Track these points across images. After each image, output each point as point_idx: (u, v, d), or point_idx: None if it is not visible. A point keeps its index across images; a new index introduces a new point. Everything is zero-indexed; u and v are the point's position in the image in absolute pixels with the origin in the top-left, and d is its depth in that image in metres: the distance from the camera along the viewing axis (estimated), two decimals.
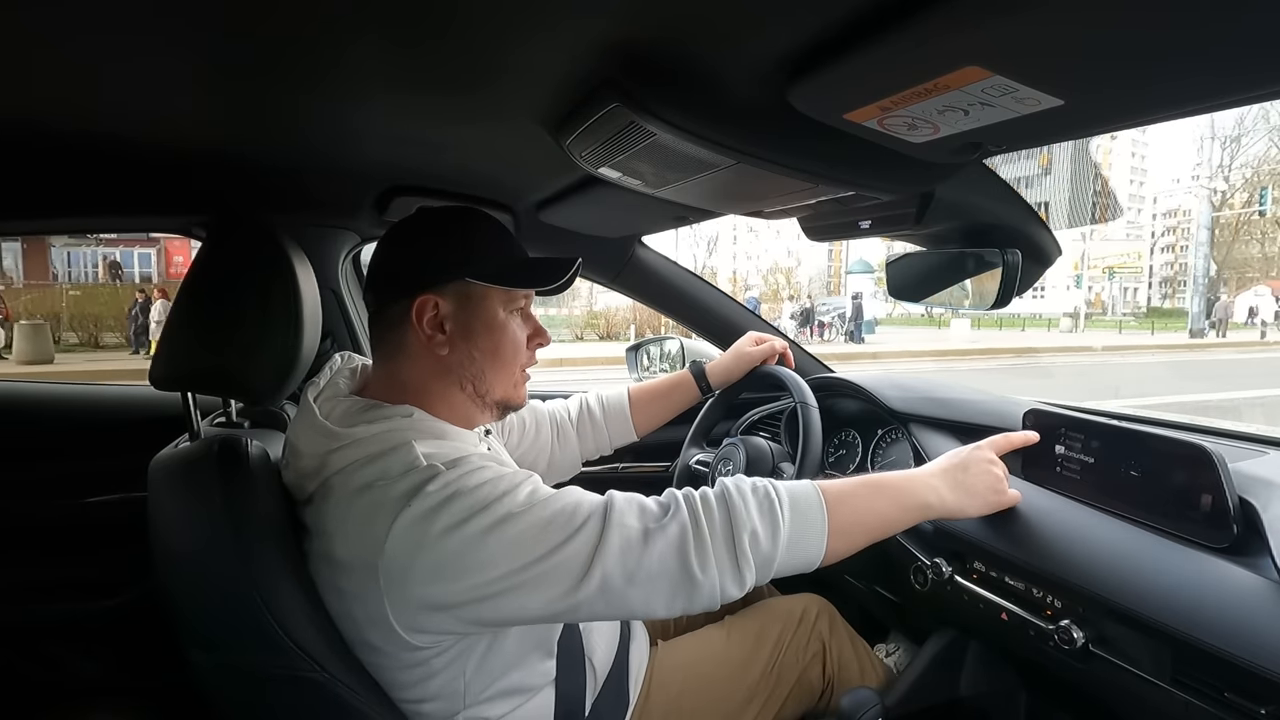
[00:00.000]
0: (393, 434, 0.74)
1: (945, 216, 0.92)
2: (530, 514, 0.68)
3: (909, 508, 0.84)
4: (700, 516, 0.72)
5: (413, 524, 0.66)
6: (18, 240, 18.22)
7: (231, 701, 0.78)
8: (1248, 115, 22.29)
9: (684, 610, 0.72)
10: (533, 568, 0.66)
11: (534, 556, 0.66)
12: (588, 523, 0.69)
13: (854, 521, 0.80)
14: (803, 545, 0.76)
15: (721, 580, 0.71)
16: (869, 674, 1.13)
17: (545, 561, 0.67)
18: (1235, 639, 0.69)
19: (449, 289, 0.80)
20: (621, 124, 0.71)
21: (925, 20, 0.48)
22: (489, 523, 0.66)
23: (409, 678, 0.75)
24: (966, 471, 0.89)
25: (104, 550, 1.29)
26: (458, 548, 0.66)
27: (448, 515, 0.66)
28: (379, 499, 0.68)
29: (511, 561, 0.66)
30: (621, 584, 0.68)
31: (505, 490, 0.69)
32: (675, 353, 1.76)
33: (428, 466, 0.69)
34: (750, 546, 0.71)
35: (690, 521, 0.71)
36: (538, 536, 0.67)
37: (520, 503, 0.69)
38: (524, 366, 0.88)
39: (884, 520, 0.83)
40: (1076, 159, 33.82)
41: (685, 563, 0.69)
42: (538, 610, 0.68)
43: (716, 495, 0.75)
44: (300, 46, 0.65)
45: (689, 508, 0.73)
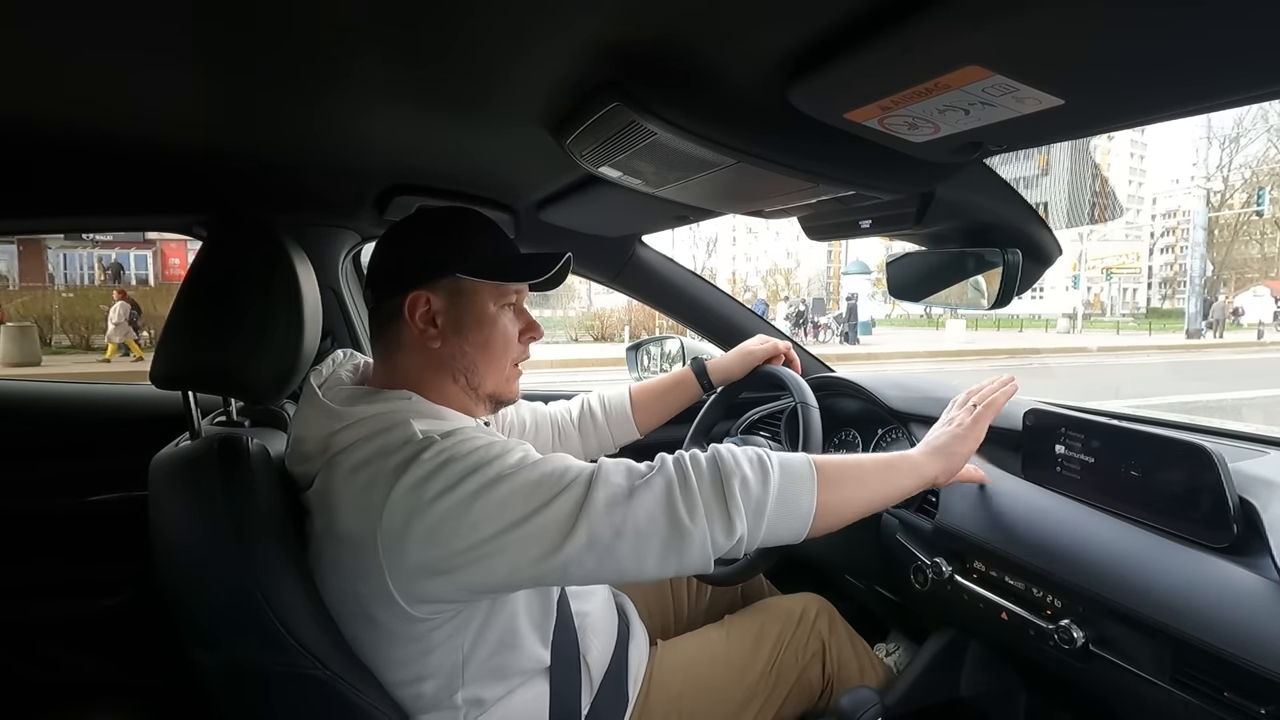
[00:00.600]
0: (393, 414, 0.76)
1: (945, 216, 0.92)
2: (519, 475, 0.70)
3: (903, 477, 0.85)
4: (688, 468, 0.73)
5: (408, 491, 0.68)
6: (14, 242, 18.21)
7: (233, 700, 0.78)
8: (1246, 116, 22.34)
9: (677, 569, 0.72)
10: (521, 526, 0.68)
11: (521, 515, 0.68)
12: (575, 482, 0.70)
13: (845, 487, 0.80)
14: (793, 503, 0.76)
15: (711, 529, 0.71)
16: (869, 674, 1.13)
17: (532, 520, 0.68)
18: (1235, 639, 0.69)
19: (440, 284, 0.83)
20: (622, 123, 0.71)
21: (926, 20, 0.48)
22: (479, 484, 0.68)
23: (407, 653, 0.76)
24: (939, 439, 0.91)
25: (104, 549, 1.29)
26: (449, 510, 0.67)
27: (441, 479, 0.68)
28: (377, 471, 0.70)
29: (500, 520, 0.68)
30: (609, 538, 0.69)
31: (497, 454, 0.71)
32: (675, 352, 1.76)
33: (424, 439, 0.71)
34: (740, 492, 0.72)
35: (677, 474, 0.73)
36: (526, 496, 0.69)
37: (510, 465, 0.70)
38: (516, 360, 0.90)
39: (875, 488, 0.83)
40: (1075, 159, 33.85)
41: (673, 513, 0.70)
42: (529, 570, 0.69)
43: (706, 454, 0.76)
44: (300, 46, 0.65)
45: (676, 462, 0.74)
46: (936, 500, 1.08)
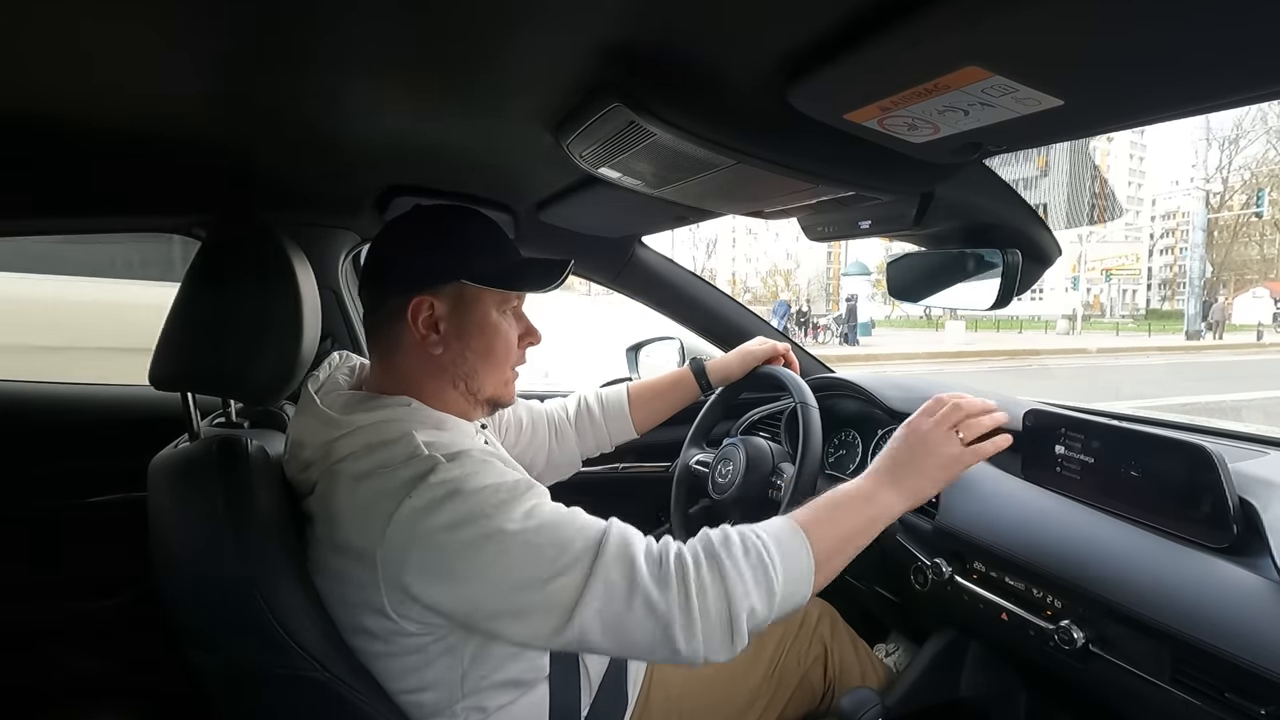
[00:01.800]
0: (392, 423, 0.75)
1: (945, 217, 0.92)
2: (522, 536, 0.67)
3: (873, 518, 0.81)
4: (692, 595, 0.68)
5: (412, 516, 0.67)
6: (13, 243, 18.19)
7: (232, 701, 0.78)
8: (1245, 117, 22.34)
9: (662, 662, 0.73)
10: (513, 597, 0.66)
11: (516, 584, 0.66)
12: (574, 566, 0.67)
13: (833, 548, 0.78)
14: (793, 599, 0.74)
15: (709, 651, 0.69)
16: (870, 677, 1.13)
17: (526, 594, 0.66)
18: (1235, 639, 0.69)
19: (444, 290, 0.81)
20: (621, 124, 0.71)
21: (925, 20, 0.48)
22: (480, 534, 0.66)
23: (406, 664, 0.75)
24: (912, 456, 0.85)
25: (104, 550, 1.29)
26: (449, 552, 0.66)
27: (445, 513, 0.67)
28: (382, 486, 0.69)
29: (495, 584, 0.66)
30: (599, 641, 0.67)
31: (504, 500, 0.68)
32: (675, 353, 1.75)
33: (429, 456, 0.70)
34: (748, 620, 0.70)
35: (680, 601, 0.68)
36: (525, 564, 0.66)
37: (515, 520, 0.67)
38: (515, 365, 0.90)
39: (855, 539, 0.80)
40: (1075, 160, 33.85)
41: (670, 640, 0.68)
42: (518, 639, 0.69)
43: (709, 564, 0.71)
44: (300, 46, 0.65)
45: (680, 580, 0.69)
46: (937, 500, 1.08)
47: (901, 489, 0.83)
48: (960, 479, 1.07)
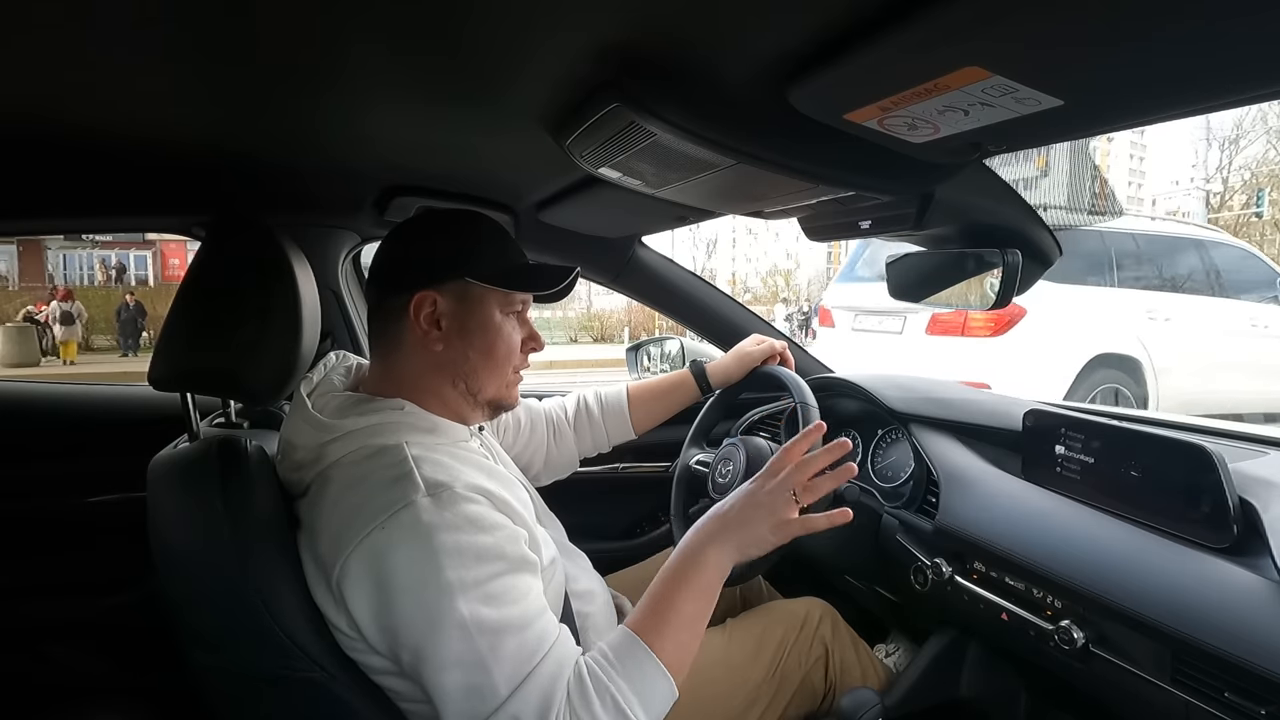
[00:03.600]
0: (383, 427, 0.75)
1: (945, 217, 0.92)
2: (466, 627, 0.65)
3: (706, 588, 0.79)
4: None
5: (372, 551, 0.67)
6: (13, 242, 18.22)
7: (232, 702, 0.78)
8: (1245, 117, 22.23)
9: None
10: (446, 672, 0.66)
11: (438, 666, 0.66)
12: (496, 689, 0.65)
13: (683, 633, 0.76)
14: (655, 706, 0.72)
15: None
16: (871, 678, 1.13)
17: (443, 676, 0.66)
18: (1235, 639, 0.69)
19: (448, 287, 0.81)
20: (622, 124, 0.71)
21: (925, 20, 0.48)
22: (428, 597, 0.66)
23: (390, 682, 0.75)
24: (744, 518, 0.82)
25: (104, 550, 1.29)
26: (391, 603, 0.67)
27: (400, 562, 0.66)
28: (359, 506, 0.69)
29: (421, 651, 0.66)
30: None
31: (463, 580, 0.66)
32: (675, 353, 1.76)
33: (412, 483, 0.69)
34: None
35: None
36: (452, 659, 0.65)
37: (456, 619, 0.65)
38: (517, 368, 0.89)
39: (697, 617, 0.78)
40: (1075, 160, 33.79)
41: None
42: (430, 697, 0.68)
43: None
44: (301, 47, 0.65)
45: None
46: (937, 501, 1.08)
47: (729, 546, 0.80)
48: (960, 479, 1.08)
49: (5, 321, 12.96)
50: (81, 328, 13.46)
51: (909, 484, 1.21)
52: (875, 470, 1.32)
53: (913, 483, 1.20)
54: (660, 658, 0.73)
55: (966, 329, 4.03)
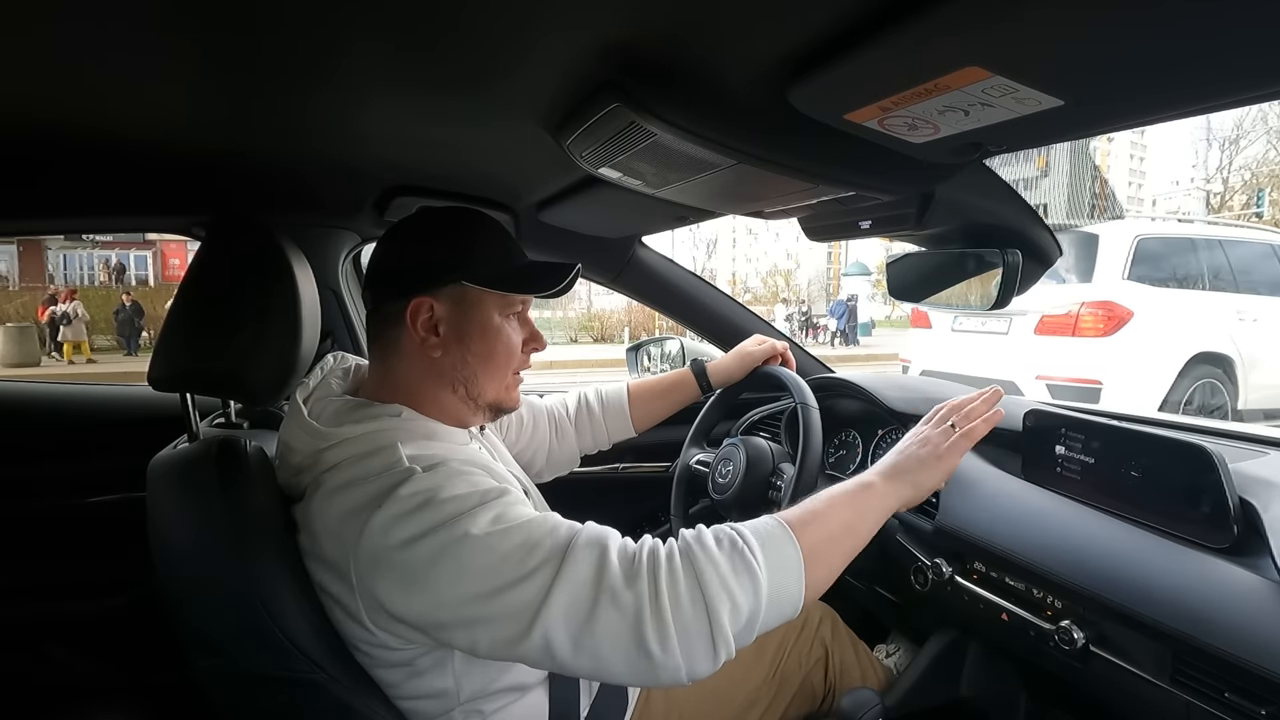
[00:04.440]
0: (380, 434, 0.74)
1: (946, 217, 0.92)
2: (487, 541, 0.64)
3: (871, 512, 0.79)
4: (663, 590, 0.63)
5: (380, 529, 0.66)
6: (13, 242, 18.23)
7: (231, 702, 0.78)
8: (1245, 117, 22.21)
9: (645, 685, 0.68)
10: (477, 605, 0.63)
11: (479, 592, 0.63)
12: (541, 569, 0.63)
13: (824, 539, 0.73)
14: (782, 602, 0.69)
15: (689, 660, 0.63)
16: (871, 679, 1.13)
17: (490, 602, 0.63)
18: (1235, 639, 0.69)
19: (444, 292, 0.80)
20: (622, 124, 0.71)
21: (925, 20, 0.48)
22: (445, 542, 0.64)
23: (396, 677, 0.75)
24: (910, 453, 0.86)
25: (104, 550, 1.29)
26: (412, 563, 0.65)
27: (412, 525, 0.65)
28: (356, 500, 0.68)
29: (457, 592, 0.64)
30: (569, 650, 0.62)
31: (473, 507, 0.66)
32: (675, 353, 1.76)
33: (405, 469, 0.68)
34: (730, 621, 0.64)
35: (650, 595, 0.63)
36: (488, 571, 0.63)
37: (482, 526, 0.65)
38: (517, 370, 0.88)
39: (850, 531, 0.76)
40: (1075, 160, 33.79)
41: (641, 642, 0.62)
42: (488, 651, 0.65)
43: (682, 558, 0.66)
44: (301, 47, 0.65)
45: (651, 576, 0.64)
46: (937, 501, 1.08)
47: (899, 481, 0.83)
48: (960, 479, 1.08)
49: (5, 321, 12.98)
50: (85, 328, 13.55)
51: None
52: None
53: None
54: (792, 529, 0.71)
55: (1078, 329, 4.34)
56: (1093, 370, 4.25)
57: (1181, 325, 4.47)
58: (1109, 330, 4.29)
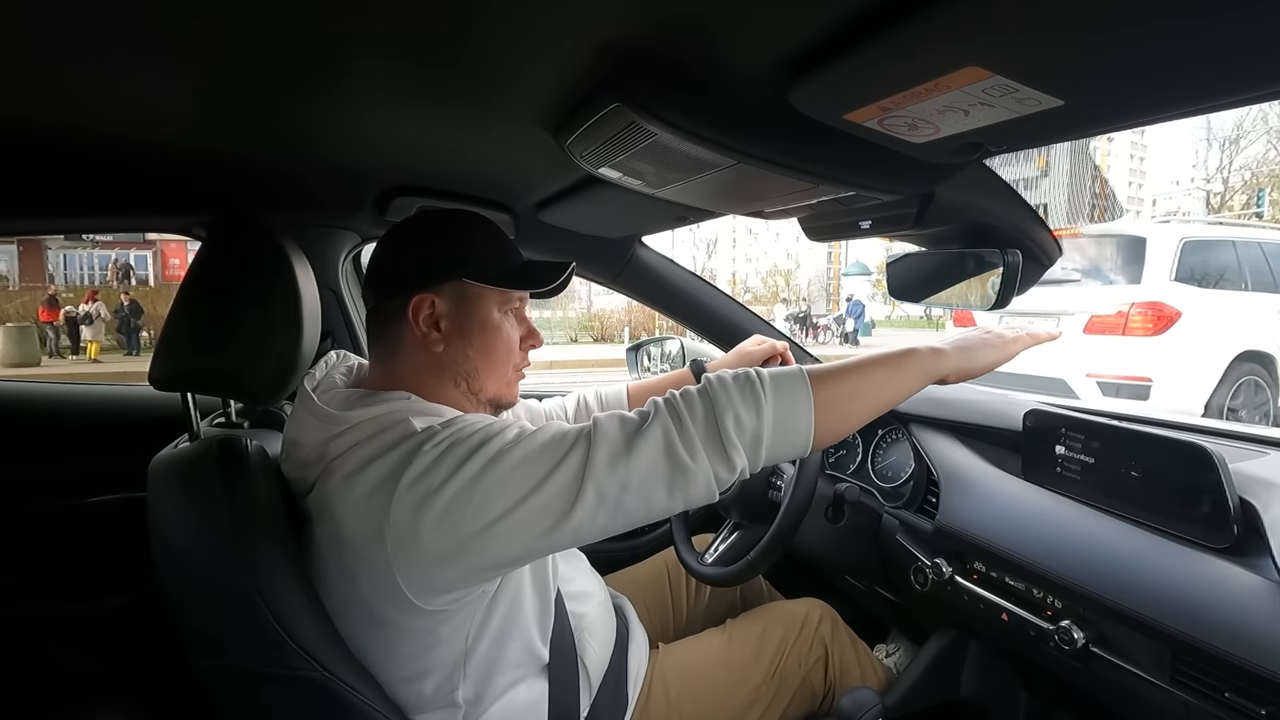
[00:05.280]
0: (391, 414, 0.75)
1: (945, 217, 0.92)
2: (520, 447, 0.70)
3: (907, 369, 0.82)
4: (681, 409, 0.72)
5: (413, 482, 0.68)
6: (13, 242, 18.23)
7: (232, 701, 0.78)
8: (1246, 117, 22.23)
9: (685, 504, 0.72)
10: (529, 499, 0.67)
11: (529, 487, 0.68)
12: (575, 445, 0.70)
13: (844, 392, 0.77)
14: (790, 425, 0.74)
15: (713, 465, 0.70)
16: (871, 679, 1.13)
17: (540, 490, 0.68)
18: (1235, 639, 0.69)
19: (445, 288, 0.82)
20: (622, 124, 0.71)
21: (925, 20, 0.48)
22: (482, 463, 0.68)
23: (414, 648, 0.76)
24: (968, 339, 0.88)
25: (104, 550, 1.29)
26: (457, 494, 0.67)
27: (446, 464, 0.68)
28: (379, 471, 0.70)
29: (508, 496, 0.67)
30: (616, 492, 0.69)
31: (497, 431, 0.71)
32: (675, 353, 1.75)
33: (424, 431, 0.71)
34: (735, 429, 0.71)
35: (672, 417, 0.72)
36: (530, 467, 0.68)
37: (510, 440, 0.70)
38: (517, 367, 0.89)
39: (879, 386, 0.80)
40: (1075, 161, 33.79)
41: (674, 457, 0.70)
42: (544, 540, 0.69)
43: (698, 388, 0.75)
44: (300, 47, 0.65)
45: (669, 404, 0.73)
46: (937, 501, 1.08)
47: (951, 350, 0.84)
48: (960, 479, 1.08)
49: (5, 321, 12.99)
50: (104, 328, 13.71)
51: (909, 484, 1.21)
52: (875, 470, 1.32)
53: (913, 483, 1.20)
54: (814, 387, 0.75)
55: (1128, 329, 4.53)
56: (1142, 368, 4.43)
57: (1226, 324, 4.63)
58: (1158, 330, 4.46)
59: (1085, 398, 4.54)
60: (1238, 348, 4.65)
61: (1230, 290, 4.82)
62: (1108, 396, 4.48)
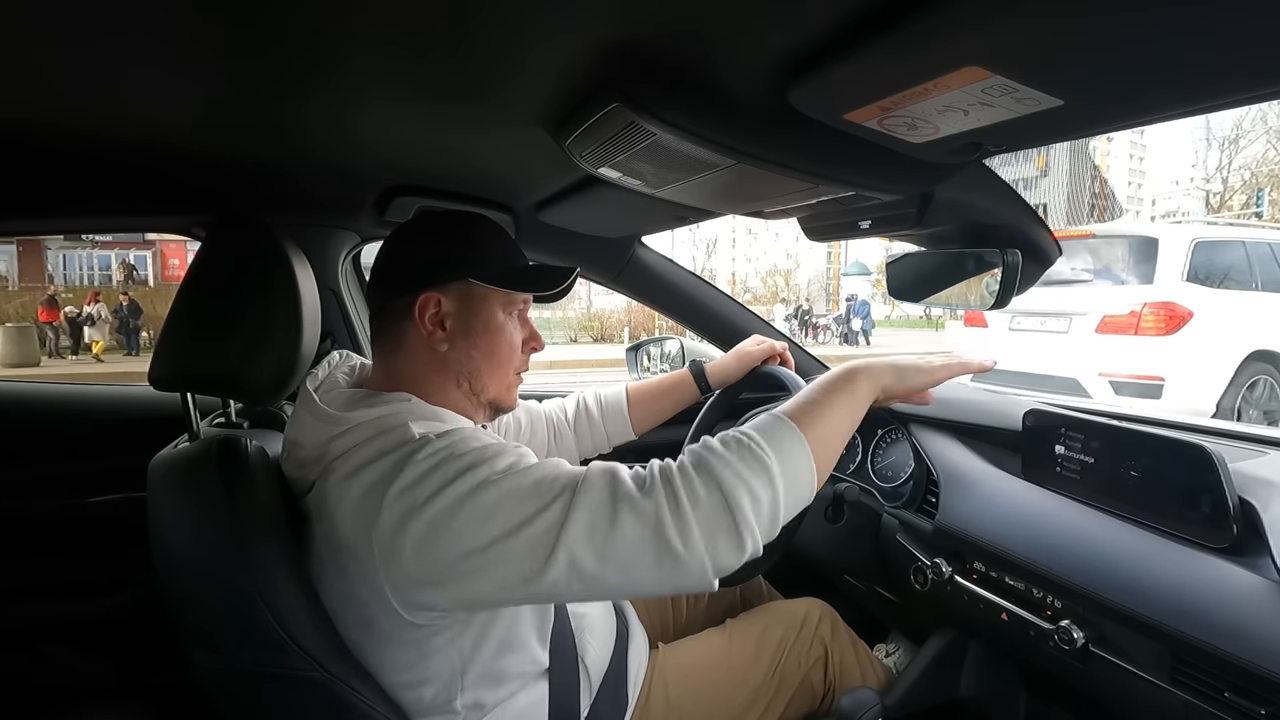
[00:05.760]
0: (391, 416, 0.75)
1: (945, 217, 0.92)
2: (507, 481, 0.67)
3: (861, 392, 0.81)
4: (679, 489, 0.66)
5: (400, 493, 0.67)
6: (13, 242, 18.23)
7: (232, 701, 0.78)
8: (1245, 117, 22.24)
9: (675, 591, 0.68)
10: (503, 542, 0.65)
11: (504, 529, 0.65)
12: (559, 497, 0.66)
13: (827, 431, 0.75)
14: (798, 487, 0.71)
15: (713, 552, 0.65)
16: (871, 678, 1.13)
17: (516, 536, 0.65)
18: (1235, 639, 0.69)
19: (451, 288, 0.82)
20: (622, 124, 0.71)
21: (925, 20, 0.49)
22: (466, 489, 0.66)
23: (408, 658, 0.75)
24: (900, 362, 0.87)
25: (104, 550, 1.29)
26: (437, 516, 0.65)
27: (433, 481, 0.67)
28: (372, 475, 0.69)
29: (483, 533, 0.65)
30: (592, 565, 0.64)
31: (489, 456, 0.69)
32: (675, 353, 1.76)
33: (419, 439, 0.70)
34: (753, 510, 0.66)
35: (666, 495, 0.66)
36: (511, 507, 0.65)
37: (499, 470, 0.68)
38: (518, 369, 0.90)
39: (847, 414, 0.79)
40: (1075, 161, 33.80)
41: (662, 540, 0.64)
42: (517, 590, 0.66)
43: (692, 462, 0.69)
44: (300, 48, 0.65)
45: (665, 480, 0.68)
46: (937, 501, 1.08)
47: (882, 372, 0.84)
48: (960, 479, 1.08)
49: (5, 321, 13.00)
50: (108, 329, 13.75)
51: (909, 484, 1.21)
52: (875, 470, 1.32)
53: (913, 483, 1.20)
54: (796, 423, 0.73)
55: (1140, 329, 4.56)
56: (1154, 367, 4.48)
57: (1237, 324, 4.67)
58: (1170, 329, 4.50)
59: (1098, 397, 4.56)
60: (1249, 347, 4.70)
61: (1241, 290, 4.86)
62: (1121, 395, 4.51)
